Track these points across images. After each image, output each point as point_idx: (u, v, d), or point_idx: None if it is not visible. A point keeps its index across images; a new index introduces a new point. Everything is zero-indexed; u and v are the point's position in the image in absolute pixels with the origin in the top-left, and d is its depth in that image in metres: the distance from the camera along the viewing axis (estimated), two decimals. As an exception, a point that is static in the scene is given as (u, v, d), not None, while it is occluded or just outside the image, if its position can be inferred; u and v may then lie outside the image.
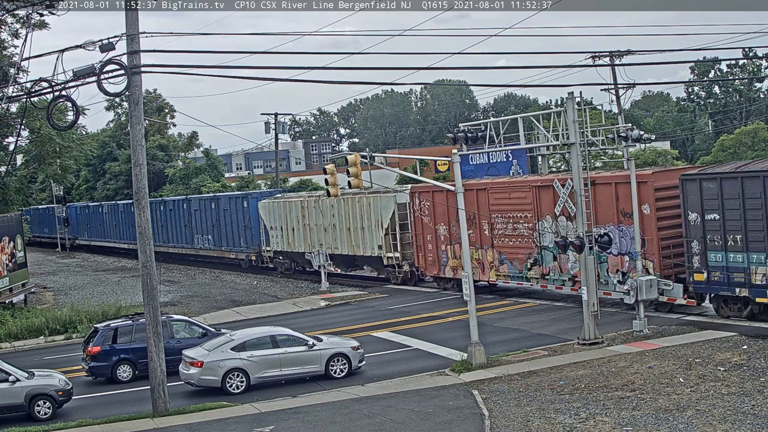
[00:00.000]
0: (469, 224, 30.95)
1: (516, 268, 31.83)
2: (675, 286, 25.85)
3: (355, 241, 39.62)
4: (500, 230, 32.26)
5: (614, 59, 46.31)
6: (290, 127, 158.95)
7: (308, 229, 42.49)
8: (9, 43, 40.00)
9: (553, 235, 29.45)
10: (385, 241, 37.94)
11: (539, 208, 30.43)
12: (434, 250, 35.78)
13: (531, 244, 31.05)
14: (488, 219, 32.64)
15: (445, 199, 33.83)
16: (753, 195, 23.78)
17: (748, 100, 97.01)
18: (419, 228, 36.50)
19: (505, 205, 31.87)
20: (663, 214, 26.43)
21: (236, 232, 48.17)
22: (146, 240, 20.46)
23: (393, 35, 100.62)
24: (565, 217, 28.68)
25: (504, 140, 26.42)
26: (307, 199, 43.00)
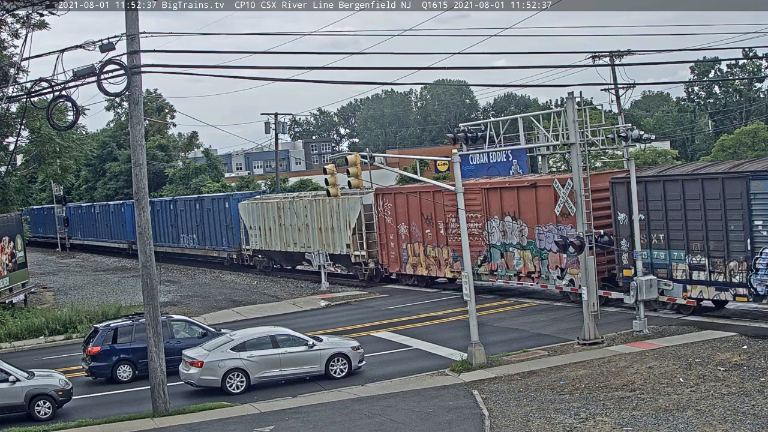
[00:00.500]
0: (427, 224, 36.09)
1: (485, 266, 33.33)
2: (675, 286, 25.85)
3: (326, 240, 41.35)
4: (454, 230, 33.73)
5: (614, 59, 46.30)
6: (290, 127, 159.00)
7: (284, 228, 44.36)
8: (9, 43, 40.02)
9: (500, 234, 32.14)
10: (352, 240, 39.80)
11: (488, 209, 32.63)
12: (396, 249, 37.90)
13: (481, 243, 32.99)
14: (444, 219, 34.76)
15: (405, 201, 36.58)
16: (673, 197, 25.85)
17: (748, 100, 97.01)
18: (383, 228, 38.56)
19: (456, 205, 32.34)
20: (597, 214, 27.43)
21: (219, 232, 50.05)
22: (146, 240, 20.46)
23: (393, 35, 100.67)
24: (511, 217, 31.56)
25: (504, 140, 26.43)
26: (283, 200, 44.88)
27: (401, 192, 37.25)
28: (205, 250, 52.12)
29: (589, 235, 23.57)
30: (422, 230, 36.20)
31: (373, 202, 38.95)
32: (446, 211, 34.17)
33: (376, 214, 38.99)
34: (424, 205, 35.54)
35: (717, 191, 24.71)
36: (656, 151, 59.16)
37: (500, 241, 32.24)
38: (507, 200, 31.75)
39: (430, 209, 35.14)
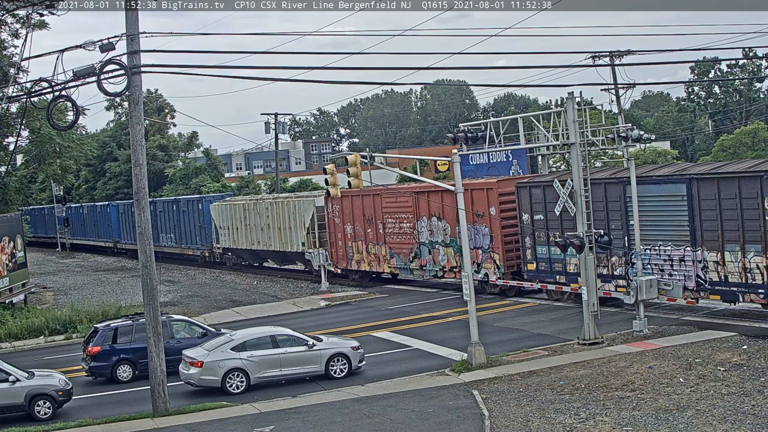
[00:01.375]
0: (368, 224, 39.13)
1: (402, 261, 37.33)
2: (675, 286, 25.86)
3: (284, 239, 44.53)
4: (390, 229, 37.71)
5: (614, 59, 46.30)
6: (290, 127, 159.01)
7: (249, 228, 47.59)
8: (9, 43, 40.02)
9: (428, 233, 35.31)
10: (307, 238, 42.80)
11: (418, 210, 36.09)
12: (343, 247, 40.97)
13: (412, 241, 36.50)
14: (381, 219, 38.11)
15: (350, 203, 39.76)
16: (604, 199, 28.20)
17: (748, 100, 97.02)
18: (332, 228, 41.62)
19: (393, 208, 37.58)
20: (505, 215, 31.78)
21: (193, 231, 53.53)
22: (146, 240, 20.48)
23: (393, 35, 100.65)
24: (436, 217, 35.01)
25: (504, 140, 26.46)
26: (248, 202, 47.99)
27: (347, 195, 39.27)
28: (181, 249, 55.44)
29: (591, 236, 23.56)
30: (365, 230, 39.24)
31: (324, 204, 41.86)
32: (384, 213, 37.81)
33: (327, 216, 41.85)
34: (366, 207, 38.96)
35: (601, 194, 27.74)
36: (656, 151, 59.18)
37: (428, 239, 35.55)
38: (433, 203, 35.05)
39: (371, 211, 38.54)
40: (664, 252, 26.38)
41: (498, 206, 32.02)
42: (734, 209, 24.15)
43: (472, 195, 32.44)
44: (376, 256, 38.74)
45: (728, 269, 24.58)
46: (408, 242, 36.60)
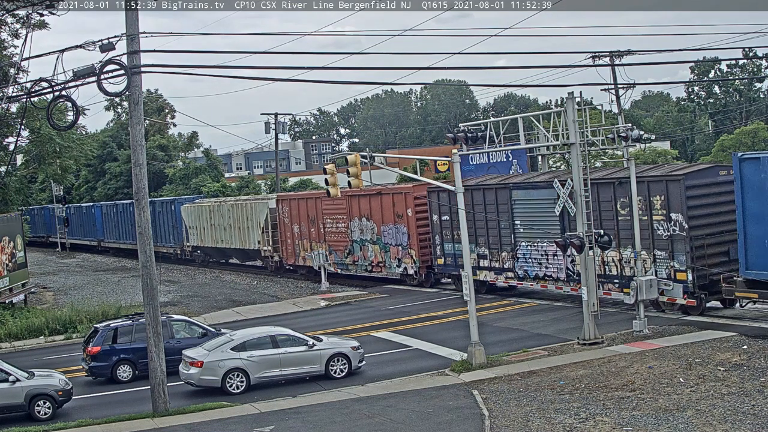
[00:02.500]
0: (311, 224, 43.03)
1: (339, 257, 41.15)
2: (675, 286, 25.86)
3: (243, 237, 48.81)
4: (329, 229, 41.77)
5: (614, 59, 46.30)
6: (290, 127, 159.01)
7: (214, 228, 51.70)
8: (9, 43, 40.01)
9: (359, 232, 39.16)
10: (262, 237, 47.18)
11: (351, 212, 39.99)
12: (292, 244, 44.98)
13: (347, 239, 40.32)
14: (322, 220, 42.13)
15: (297, 205, 44.01)
16: (466, 202, 30.26)
17: (748, 100, 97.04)
18: (282, 227, 45.72)
19: (331, 210, 41.45)
20: (420, 216, 36.23)
21: (167, 231, 57.84)
22: (146, 240, 20.50)
23: (393, 35, 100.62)
24: (366, 218, 38.89)
25: (504, 140, 26.42)
26: (213, 204, 52.24)
27: (294, 198, 45.12)
28: (157, 246, 58.63)
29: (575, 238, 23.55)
30: (309, 230, 43.28)
31: (276, 206, 46.08)
32: (323, 214, 41.82)
33: (278, 216, 45.95)
34: (309, 209, 43.06)
35: (492, 198, 31.86)
36: (656, 151, 59.16)
37: (359, 237, 39.58)
38: (363, 205, 39.13)
39: (314, 213, 42.63)
40: (542, 248, 30.27)
41: (414, 208, 36.34)
42: (595, 210, 26.47)
43: (393, 198, 37.29)
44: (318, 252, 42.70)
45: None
46: (343, 240, 40.60)
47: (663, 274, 26.18)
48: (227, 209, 49.95)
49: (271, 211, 46.33)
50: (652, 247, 26.33)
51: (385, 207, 37.82)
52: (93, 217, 70.55)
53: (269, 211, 46.35)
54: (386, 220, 37.82)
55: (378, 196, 37.97)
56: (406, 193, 36.77)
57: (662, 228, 26.21)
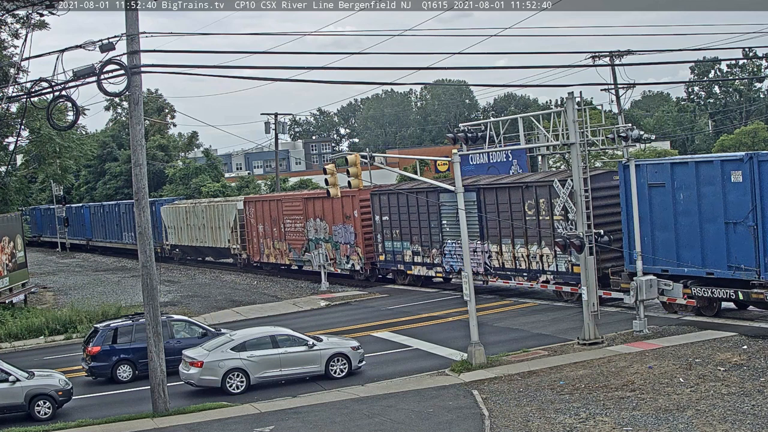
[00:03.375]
0: (274, 224, 46.41)
1: (297, 254, 44.60)
2: (675, 286, 25.85)
3: (215, 236, 52.37)
4: (289, 228, 44.99)
5: (614, 59, 46.28)
6: (290, 127, 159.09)
7: (190, 227, 55.11)
8: (9, 43, 40.02)
9: (314, 231, 42.65)
10: (231, 236, 50.63)
11: (306, 213, 43.41)
12: (257, 243, 48.12)
13: (303, 238, 43.71)
14: (282, 221, 45.35)
15: (261, 207, 47.21)
16: (402, 204, 37.23)
17: (748, 100, 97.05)
18: (249, 227, 48.97)
19: (290, 211, 44.77)
20: (365, 216, 39.49)
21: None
22: (146, 240, 20.49)
23: (393, 35, 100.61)
24: (319, 219, 42.39)
25: (504, 140, 26.41)
26: (189, 205, 55.72)
27: (259, 200, 48.40)
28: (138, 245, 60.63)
29: (593, 235, 23.54)
30: (272, 229, 46.53)
31: (243, 207, 49.42)
32: (284, 215, 45.16)
33: (246, 217, 49.24)
34: (272, 210, 46.35)
35: (424, 201, 35.36)
36: (656, 151, 59.16)
37: (314, 236, 42.85)
38: (317, 207, 42.56)
39: (276, 213, 45.94)
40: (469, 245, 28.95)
41: (359, 210, 39.65)
42: (507, 212, 31.34)
43: (342, 201, 39.78)
44: (279, 250, 46.02)
45: (504, 258, 32.03)
46: (300, 239, 44.10)
47: (562, 268, 29.63)
48: (201, 210, 53.50)
49: (239, 212, 49.62)
50: (553, 244, 28.79)
51: (336, 209, 41.02)
52: (82, 217, 74.05)
53: (237, 212, 49.71)
54: (336, 221, 41.21)
55: (329, 199, 40.06)
56: (353, 196, 39.29)
57: (561, 227, 28.99)
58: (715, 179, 24.43)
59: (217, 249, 52.59)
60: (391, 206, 37.47)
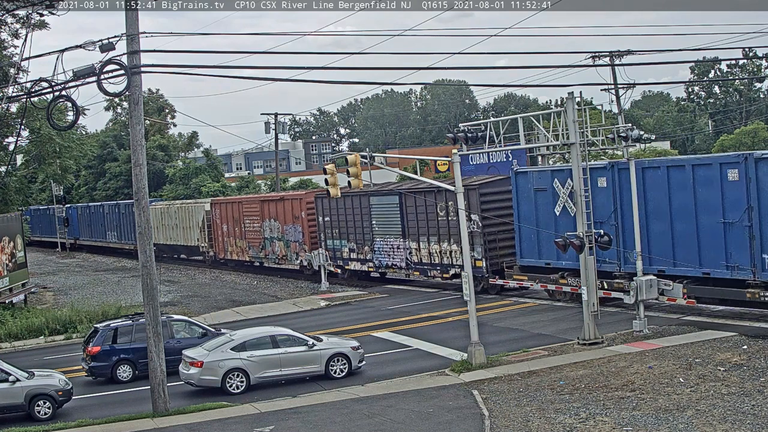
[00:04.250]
0: (236, 224, 50.23)
1: (255, 252, 48.27)
2: (675, 286, 25.85)
3: (186, 236, 56.25)
4: (248, 228, 48.65)
5: (614, 59, 46.27)
6: (290, 127, 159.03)
7: (165, 227, 59.04)
8: (9, 43, 40.02)
9: (269, 231, 46.39)
10: (200, 235, 54.55)
11: (263, 214, 47.02)
12: (222, 241, 52.04)
13: (260, 236, 47.49)
14: (243, 221, 49.12)
15: (226, 208, 51.36)
16: (341, 207, 40.23)
17: (748, 100, 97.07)
18: (215, 227, 52.96)
19: (249, 212, 48.54)
20: (310, 217, 43.25)
21: (128, 230, 63.80)
22: (146, 240, 20.49)
23: (393, 35, 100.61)
24: (273, 219, 46.04)
25: (504, 140, 26.39)
26: (164, 206, 60.11)
27: (223, 202, 52.67)
28: (121, 244, 66.86)
29: (588, 235, 23.54)
30: (234, 228, 50.28)
31: (210, 209, 53.36)
32: (244, 216, 48.97)
33: (212, 218, 53.12)
34: (234, 211, 50.21)
35: (357, 203, 39.17)
36: (656, 151, 59.15)
37: (269, 235, 46.47)
38: (271, 208, 46.25)
39: (238, 214, 49.60)
40: (390, 242, 37.72)
41: (306, 211, 43.29)
42: (423, 213, 35.35)
43: (292, 203, 44.53)
44: (241, 248, 49.89)
45: (422, 254, 35.87)
46: (258, 237, 47.81)
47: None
48: (174, 211, 57.75)
49: (207, 213, 53.62)
50: (459, 241, 30.92)
51: (287, 210, 44.94)
52: (70, 217, 77.23)
53: (205, 213, 53.77)
54: (287, 221, 44.92)
55: (281, 201, 45.61)
56: (300, 199, 44.11)
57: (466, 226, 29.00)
58: (548, 187, 29.39)
59: (189, 247, 56.50)
60: (332, 208, 41.09)
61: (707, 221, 24.78)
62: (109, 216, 68.20)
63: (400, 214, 36.69)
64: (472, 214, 32.32)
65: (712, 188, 24.59)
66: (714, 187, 24.50)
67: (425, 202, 34.80)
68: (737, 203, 23.89)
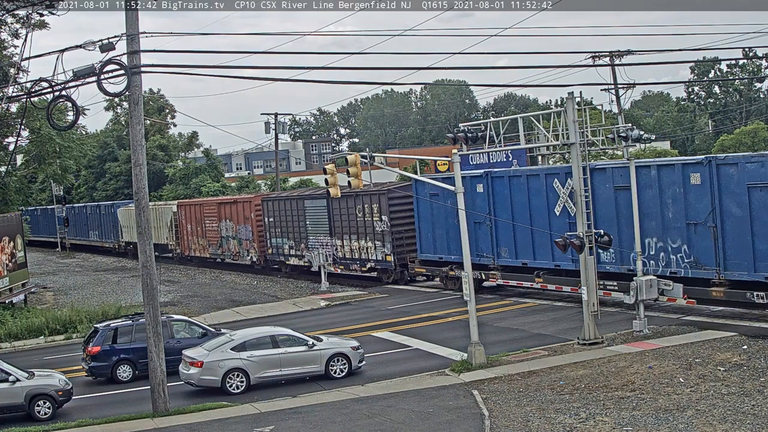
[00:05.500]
0: (198, 224, 54.68)
1: (214, 249, 53.27)
2: (675, 286, 25.84)
3: (157, 234, 59.41)
4: (208, 228, 53.61)
5: (614, 59, 46.28)
6: (290, 127, 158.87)
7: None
8: (9, 43, 40.01)
9: (225, 230, 51.23)
10: (168, 234, 59.22)
11: (220, 215, 51.98)
12: (187, 240, 56.52)
13: (218, 236, 52.26)
14: (204, 221, 53.70)
15: (190, 210, 55.76)
16: (283, 209, 45.70)
17: (748, 100, 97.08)
18: (181, 226, 57.45)
19: (209, 213, 53.51)
20: (258, 218, 47.87)
21: (108, 229, 69.56)
22: (146, 240, 20.49)
23: (393, 35, 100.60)
24: (228, 220, 50.95)
25: (504, 140, 26.39)
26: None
27: (188, 204, 57.31)
28: (101, 242, 72.20)
29: (592, 237, 23.55)
30: (196, 228, 54.86)
31: (177, 210, 57.72)
32: (204, 217, 53.76)
33: (178, 218, 57.53)
34: (197, 213, 54.89)
35: (296, 206, 44.27)
36: (656, 151, 59.12)
37: (225, 234, 51.46)
38: (227, 210, 51.30)
39: (200, 216, 54.37)
40: (320, 240, 42.54)
41: (254, 212, 48.02)
42: (346, 214, 40.34)
43: (243, 205, 49.61)
44: (202, 246, 54.45)
45: (345, 250, 40.76)
46: (216, 236, 52.57)
47: (380, 257, 38.51)
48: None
49: (174, 214, 58.02)
50: (374, 238, 38.51)
51: (239, 212, 49.82)
52: (53, 217, 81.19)
53: (173, 214, 58.08)
54: (240, 221, 49.73)
55: (235, 204, 50.96)
56: (250, 201, 49.14)
57: (378, 225, 38.15)
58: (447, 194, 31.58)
59: (159, 245, 59.23)
60: (275, 210, 45.95)
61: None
62: (92, 216, 73.09)
63: (327, 215, 41.76)
64: (383, 215, 37.50)
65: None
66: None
67: (347, 205, 39.63)
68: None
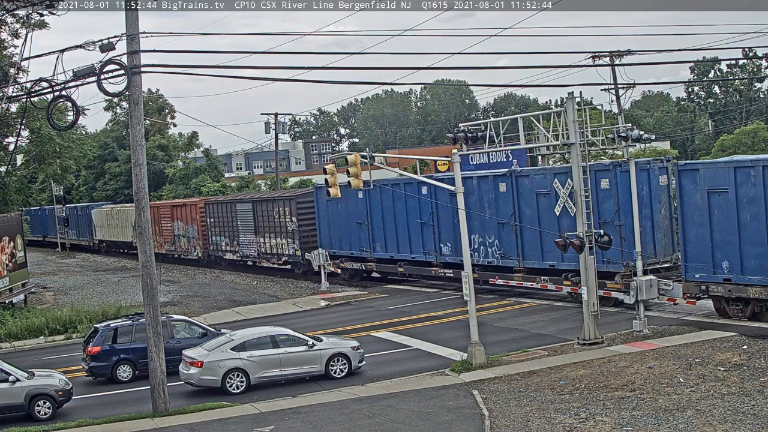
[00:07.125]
0: (156, 223, 57.95)
1: (169, 246, 58.13)
2: (675, 286, 25.86)
3: (124, 233, 64.32)
4: (164, 227, 58.84)
5: (614, 59, 46.26)
6: (290, 127, 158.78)
7: (110, 226, 68.10)
8: (9, 43, 40.02)
9: (178, 229, 56.91)
10: (133, 233, 57.99)
11: (173, 216, 57.47)
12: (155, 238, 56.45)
13: (172, 234, 57.63)
14: (160, 222, 58.93)
15: (157, 210, 58.74)
16: (221, 211, 51.11)
17: (748, 100, 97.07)
18: None
19: (164, 214, 58.86)
20: (202, 219, 53.49)
21: (85, 228, 74.90)
22: (146, 240, 20.50)
23: (393, 35, 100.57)
24: (179, 220, 56.94)
25: (504, 140, 26.41)
26: (110, 209, 69.31)
27: (155, 206, 59.39)
28: (78, 240, 77.25)
29: (590, 236, 23.55)
30: (155, 227, 57.19)
31: None
32: (161, 218, 58.76)
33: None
34: (155, 214, 57.67)
35: (228, 209, 50.26)
36: (656, 151, 59.06)
37: (177, 233, 56.90)
38: (178, 212, 56.68)
39: (157, 216, 58.20)
40: (247, 238, 48.06)
41: (199, 214, 53.63)
42: (267, 217, 45.96)
43: (190, 208, 54.98)
44: (160, 243, 58.37)
45: (266, 246, 46.41)
46: (170, 234, 58.10)
47: (290, 251, 44.17)
48: (116, 213, 67.09)
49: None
50: (286, 236, 44.44)
51: (188, 213, 55.46)
52: (40, 218, 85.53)
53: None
54: (188, 222, 55.34)
55: (184, 206, 56.47)
56: (195, 204, 54.87)
57: (289, 226, 44.10)
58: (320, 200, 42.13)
59: (126, 242, 65.26)
60: (215, 212, 51.83)
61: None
62: (72, 217, 78.11)
63: (253, 217, 47.72)
64: (293, 217, 43.56)
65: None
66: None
67: (268, 208, 45.83)
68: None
